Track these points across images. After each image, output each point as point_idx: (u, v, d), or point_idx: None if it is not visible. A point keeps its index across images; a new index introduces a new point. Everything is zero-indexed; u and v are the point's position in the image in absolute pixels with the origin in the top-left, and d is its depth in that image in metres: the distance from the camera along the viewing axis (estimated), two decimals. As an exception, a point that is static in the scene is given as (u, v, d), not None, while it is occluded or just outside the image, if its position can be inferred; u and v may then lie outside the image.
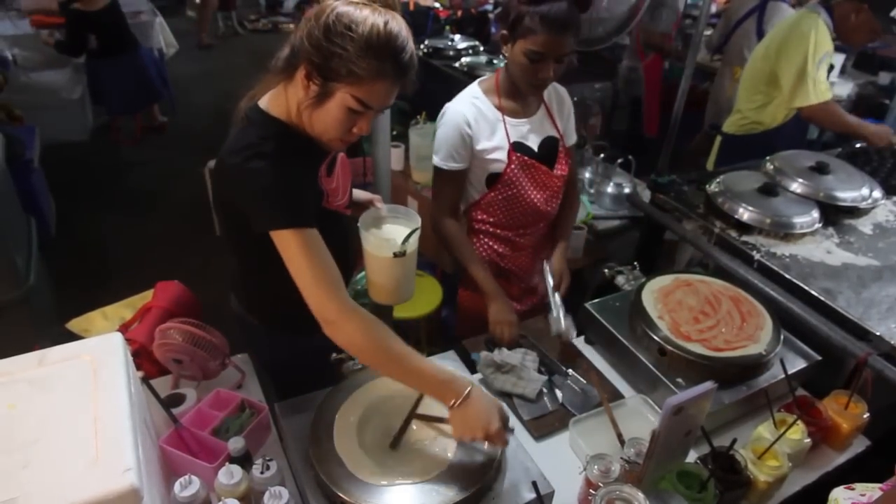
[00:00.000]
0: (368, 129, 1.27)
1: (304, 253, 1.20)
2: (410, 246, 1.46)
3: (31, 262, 2.75)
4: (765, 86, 2.85)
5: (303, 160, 1.31)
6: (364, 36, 1.12)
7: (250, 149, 1.22)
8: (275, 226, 1.20)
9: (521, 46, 1.63)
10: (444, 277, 2.98)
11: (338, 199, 1.45)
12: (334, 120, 1.21)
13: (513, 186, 1.83)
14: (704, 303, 1.68)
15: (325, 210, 1.40)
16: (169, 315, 1.64)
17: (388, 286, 1.52)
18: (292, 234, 1.20)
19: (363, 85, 1.16)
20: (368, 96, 1.18)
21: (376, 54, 1.14)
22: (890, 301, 1.78)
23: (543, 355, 1.70)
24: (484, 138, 1.78)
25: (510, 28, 1.64)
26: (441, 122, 1.81)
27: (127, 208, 4.41)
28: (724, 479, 1.27)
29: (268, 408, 1.41)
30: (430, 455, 1.25)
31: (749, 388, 1.51)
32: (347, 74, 1.14)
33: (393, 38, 1.15)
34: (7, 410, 1.01)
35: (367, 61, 1.13)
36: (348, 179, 1.51)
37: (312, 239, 1.21)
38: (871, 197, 2.27)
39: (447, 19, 5.10)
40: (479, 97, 1.80)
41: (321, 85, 1.18)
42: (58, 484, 0.90)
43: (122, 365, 1.11)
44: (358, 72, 1.14)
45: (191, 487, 1.14)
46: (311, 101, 1.20)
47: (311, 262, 1.20)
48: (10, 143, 3.05)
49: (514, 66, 1.70)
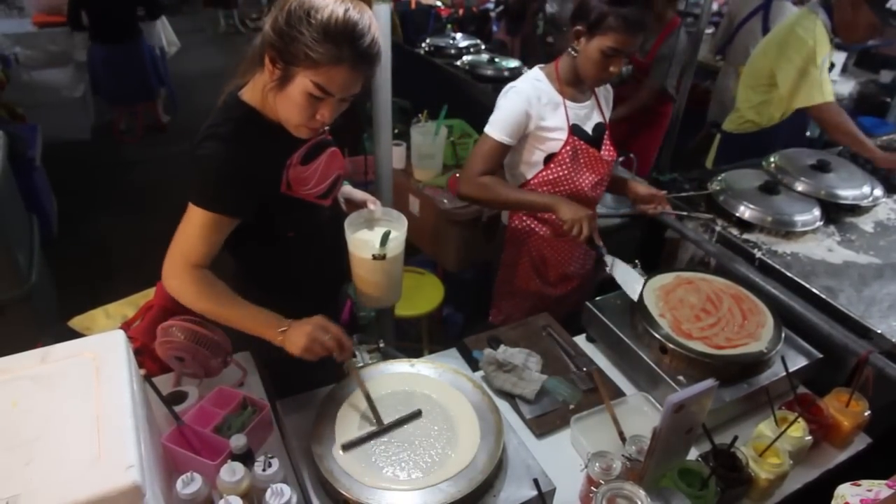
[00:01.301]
0: (331, 116, 1.30)
1: (195, 229, 1.30)
2: (392, 250, 1.47)
3: (33, 260, 2.76)
4: (763, 85, 2.85)
5: (264, 145, 1.34)
6: (322, 22, 1.17)
7: (209, 129, 1.31)
8: (191, 199, 1.30)
9: (598, 43, 1.74)
10: (446, 275, 2.99)
11: (307, 187, 1.45)
12: (296, 105, 1.26)
13: (564, 167, 1.92)
14: (706, 301, 1.68)
15: (285, 196, 1.42)
16: (170, 313, 1.63)
17: (367, 288, 1.53)
18: (200, 212, 1.29)
19: (320, 70, 1.20)
20: (327, 82, 1.22)
21: (333, 39, 1.18)
22: (891, 299, 1.78)
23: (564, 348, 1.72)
24: (546, 117, 1.87)
25: (591, 26, 1.74)
26: (505, 96, 1.90)
27: (129, 206, 4.41)
28: (726, 476, 1.28)
29: (269, 405, 1.41)
30: (432, 452, 1.25)
31: (750, 385, 1.51)
32: (305, 59, 1.19)
33: (351, 24, 1.19)
34: (10, 407, 1.01)
35: (325, 46, 1.18)
36: (332, 172, 1.52)
37: (214, 224, 1.30)
38: (873, 195, 2.27)
39: (449, 18, 5.10)
40: (542, 80, 1.90)
41: (283, 69, 1.23)
42: (60, 481, 0.90)
43: (125, 362, 1.11)
44: (314, 56, 1.18)
45: (193, 484, 1.14)
46: (273, 84, 1.25)
47: (191, 237, 1.30)
48: (12, 142, 3.06)
49: (585, 60, 1.80)
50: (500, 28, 5.30)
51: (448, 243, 2.81)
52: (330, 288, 1.70)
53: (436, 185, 2.86)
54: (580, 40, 1.79)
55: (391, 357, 1.53)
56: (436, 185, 2.86)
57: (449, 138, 2.98)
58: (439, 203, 2.73)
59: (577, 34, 1.79)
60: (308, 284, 1.58)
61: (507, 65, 3.72)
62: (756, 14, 3.90)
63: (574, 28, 1.78)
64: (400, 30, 4.36)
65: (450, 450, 1.25)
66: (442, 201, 2.73)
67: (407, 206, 2.90)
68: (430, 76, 3.92)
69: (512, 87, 1.90)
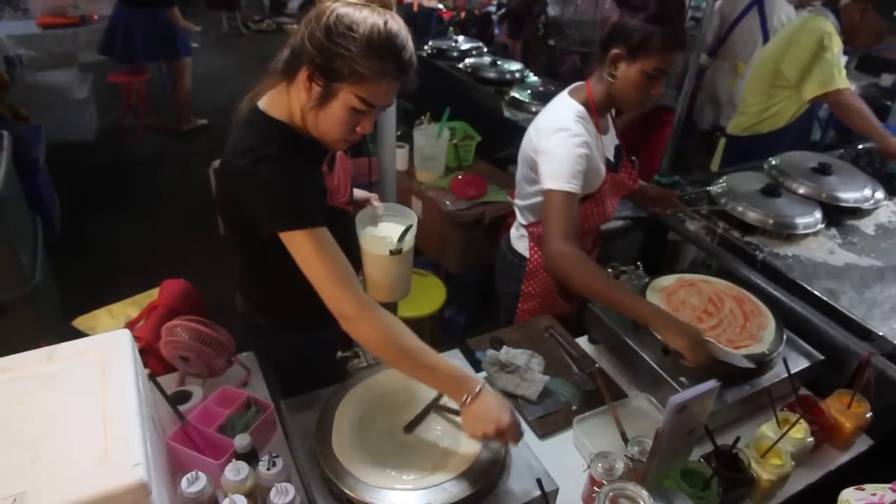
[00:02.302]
0: (371, 127, 1.28)
1: (316, 252, 1.21)
2: (406, 244, 1.47)
3: (36, 260, 2.76)
4: (769, 87, 2.86)
5: (306, 160, 1.32)
6: (366, 35, 1.14)
7: (254, 151, 1.23)
8: (285, 227, 1.22)
9: (642, 65, 1.63)
10: (448, 277, 3.00)
11: (340, 195, 1.46)
12: (338, 120, 1.22)
13: (599, 204, 1.86)
14: (707, 302, 1.68)
15: (329, 207, 1.41)
16: (174, 313, 1.65)
17: (384, 284, 1.53)
18: (303, 235, 1.21)
19: (366, 84, 1.17)
20: (372, 95, 1.19)
21: (378, 54, 1.15)
22: (892, 301, 1.79)
23: (568, 350, 1.72)
24: (594, 158, 1.75)
25: (634, 48, 1.62)
26: (558, 140, 1.69)
27: (132, 207, 4.42)
28: (728, 477, 1.28)
29: (273, 405, 1.42)
30: (435, 452, 1.26)
31: (752, 387, 1.51)
32: (351, 75, 1.16)
33: (393, 36, 1.17)
34: (16, 406, 1.02)
35: (370, 61, 1.15)
36: (348, 176, 1.52)
37: (323, 237, 1.23)
38: (874, 198, 2.28)
39: (451, 20, 5.12)
40: (585, 117, 1.75)
41: (324, 86, 1.19)
42: (66, 479, 0.90)
43: (131, 361, 1.12)
44: (361, 71, 1.15)
45: (197, 483, 1.14)
46: (314, 102, 1.21)
47: (324, 260, 1.22)
48: (16, 143, 3.06)
49: (626, 84, 1.68)
50: (501, 31, 5.31)
51: (450, 245, 2.82)
52: None
53: (438, 186, 2.87)
54: (619, 65, 1.67)
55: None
56: (438, 187, 2.87)
57: (451, 140, 2.99)
58: (441, 205, 2.73)
59: (616, 58, 1.66)
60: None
61: (509, 67, 3.74)
62: (751, 10, 3.95)
63: (611, 52, 1.66)
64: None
65: (453, 449, 1.26)
66: (444, 203, 2.74)
67: (409, 207, 2.90)
68: (432, 78, 3.93)
69: (563, 131, 1.69)
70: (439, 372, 1.24)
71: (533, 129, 1.81)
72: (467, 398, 1.21)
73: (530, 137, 1.81)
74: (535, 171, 1.77)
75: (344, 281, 1.22)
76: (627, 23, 1.62)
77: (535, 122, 1.83)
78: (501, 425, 1.18)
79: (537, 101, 3.29)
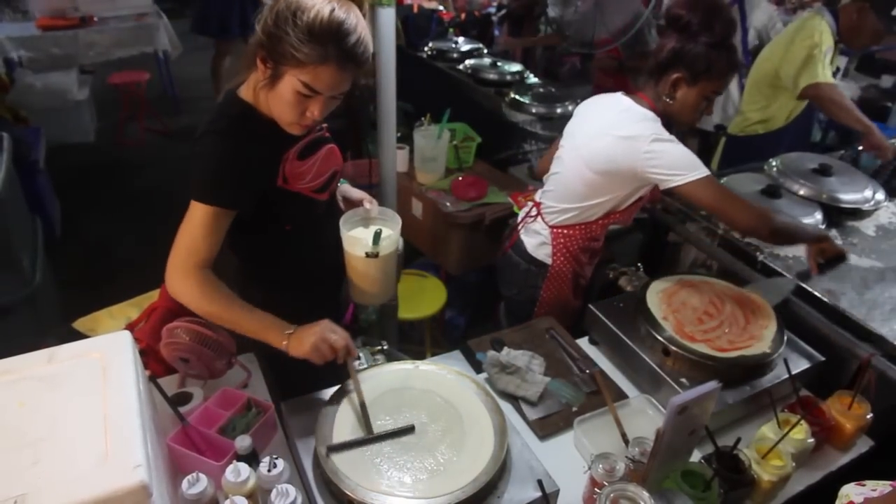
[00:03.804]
0: (321, 113, 1.32)
1: (197, 225, 1.31)
2: (385, 249, 1.48)
3: (36, 262, 2.77)
4: (768, 88, 2.87)
5: (260, 140, 1.36)
6: (307, 22, 1.20)
7: (206, 125, 1.34)
8: (193, 196, 1.31)
9: (702, 89, 1.70)
10: (448, 278, 3.00)
11: (303, 182, 1.47)
12: (286, 103, 1.29)
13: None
14: (708, 303, 1.68)
15: (282, 190, 1.44)
16: (174, 315, 1.64)
17: (361, 285, 1.55)
18: (201, 208, 1.31)
19: (306, 69, 1.23)
20: (314, 80, 1.24)
21: (318, 39, 1.20)
22: (893, 302, 1.79)
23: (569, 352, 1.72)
24: None
25: (697, 73, 1.68)
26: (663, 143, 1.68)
27: (132, 209, 4.41)
28: (728, 478, 1.28)
29: (274, 406, 1.42)
30: (435, 453, 1.26)
31: (753, 388, 1.52)
32: (291, 58, 1.22)
33: (336, 24, 1.22)
34: (17, 408, 1.02)
35: (309, 46, 1.20)
36: (329, 168, 1.54)
37: (215, 219, 1.32)
38: (874, 199, 2.28)
39: (451, 22, 5.11)
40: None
41: (272, 68, 1.26)
42: (67, 480, 0.90)
43: (131, 362, 1.12)
44: (300, 56, 1.21)
45: (198, 485, 1.14)
46: (264, 82, 1.29)
47: (194, 234, 1.32)
48: (16, 145, 3.06)
49: (684, 107, 1.75)
50: (502, 32, 5.31)
51: (450, 246, 2.82)
52: (330, 284, 1.71)
53: (438, 188, 2.87)
54: (679, 87, 1.73)
55: (394, 359, 1.53)
56: (438, 189, 2.86)
57: (451, 142, 2.99)
58: (442, 206, 2.73)
59: (677, 82, 1.72)
60: (307, 279, 1.60)
61: (509, 69, 3.73)
62: (732, 6, 3.99)
63: (672, 76, 1.71)
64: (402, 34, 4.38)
65: (454, 451, 1.26)
66: (444, 204, 2.74)
67: (410, 209, 2.91)
68: (432, 80, 3.93)
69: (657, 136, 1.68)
70: (253, 320, 1.34)
71: (611, 137, 1.75)
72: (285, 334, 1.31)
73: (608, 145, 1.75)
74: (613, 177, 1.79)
75: (187, 254, 1.32)
76: (691, 49, 1.67)
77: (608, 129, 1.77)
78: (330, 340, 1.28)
79: (537, 103, 3.29)
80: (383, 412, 1.34)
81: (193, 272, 1.32)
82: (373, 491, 1.16)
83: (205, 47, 5.53)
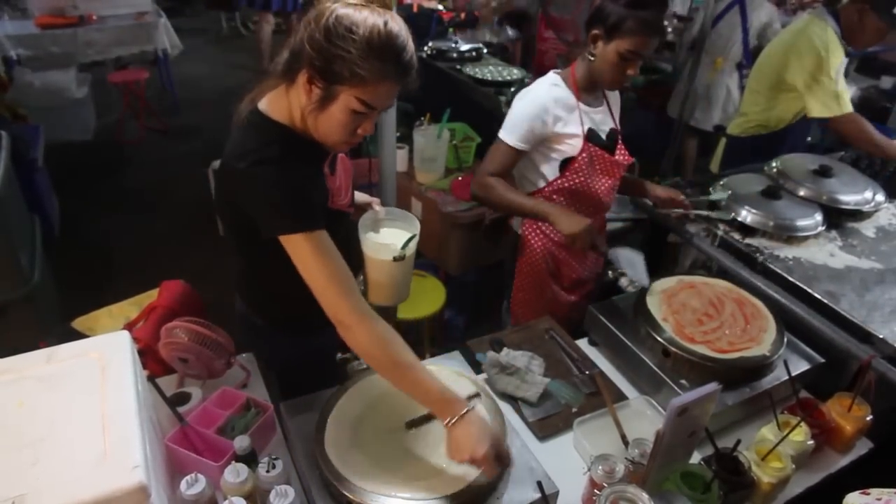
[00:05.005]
0: (373, 129, 1.27)
1: (315, 256, 1.20)
2: (409, 249, 1.48)
3: (35, 260, 2.76)
4: (769, 89, 2.85)
5: (307, 162, 1.31)
6: (366, 37, 1.12)
7: (255, 153, 1.22)
8: (285, 231, 1.21)
9: (616, 46, 1.76)
10: (448, 278, 2.99)
11: (341, 198, 1.45)
12: (339, 123, 1.21)
13: (581, 174, 1.92)
14: (708, 305, 1.68)
15: (330, 210, 1.40)
16: (174, 314, 1.64)
17: (386, 288, 1.54)
18: (303, 239, 1.20)
19: (367, 86, 1.16)
20: (372, 97, 1.18)
21: (379, 55, 1.13)
22: (893, 304, 1.78)
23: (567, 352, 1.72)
24: (561, 122, 1.87)
25: (608, 28, 1.75)
26: (521, 100, 1.89)
27: (131, 208, 4.41)
28: (728, 480, 1.28)
29: (273, 407, 1.41)
30: (433, 454, 1.25)
31: (752, 389, 1.51)
32: (351, 77, 1.14)
33: (394, 37, 1.15)
34: (15, 407, 1.02)
35: (371, 62, 1.13)
36: (349, 178, 1.52)
37: (323, 241, 1.22)
38: (874, 200, 2.28)
39: (451, 22, 5.10)
40: (559, 84, 1.89)
41: (324, 88, 1.17)
42: (66, 480, 0.90)
43: (130, 362, 1.12)
44: (361, 73, 1.13)
45: (197, 485, 1.14)
46: (314, 105, 1.20)
47: (323, 265, 1.21)
48: (14, 143, 3.05)
49: (603, 64, 1.81)
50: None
51: (450, 246, 2.81)
52: None
53: (438, 188, 2.87)
54: (597, 44, 1.79)
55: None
56: (438, 189, 2.86)
57: (451, 142, 2.99)
58: (441, 206, 2.73)
59: (595, 38, 1.79)
60: None
61: (509, 69, 3.73)
62: (733, 7, 4.09)
63: (591, 32, 1.79)
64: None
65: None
66: (444, 204, 2.73)
67: (409, 208, 2.90)
68: (432, 80, 3.93)
69: (528, 92, 1.89)
70: (429, 390, 1.21)
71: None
72: (451, 420, 1.18)
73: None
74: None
75: (342, 288, 1.21)
76: (606, 6, 1.74)
77: None
78: (476, 455, 1.15)
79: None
80: (383, 413, 1.34)
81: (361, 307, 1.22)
82: (372, 492, 1.16)
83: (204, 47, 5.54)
